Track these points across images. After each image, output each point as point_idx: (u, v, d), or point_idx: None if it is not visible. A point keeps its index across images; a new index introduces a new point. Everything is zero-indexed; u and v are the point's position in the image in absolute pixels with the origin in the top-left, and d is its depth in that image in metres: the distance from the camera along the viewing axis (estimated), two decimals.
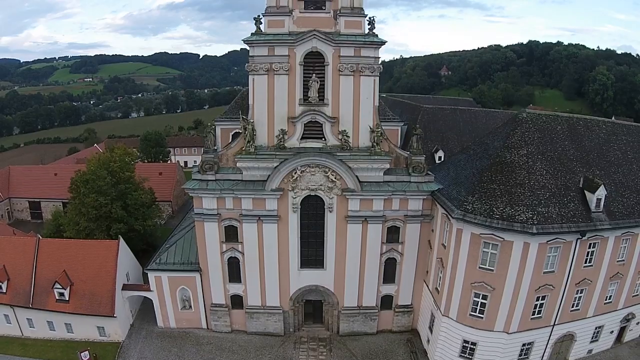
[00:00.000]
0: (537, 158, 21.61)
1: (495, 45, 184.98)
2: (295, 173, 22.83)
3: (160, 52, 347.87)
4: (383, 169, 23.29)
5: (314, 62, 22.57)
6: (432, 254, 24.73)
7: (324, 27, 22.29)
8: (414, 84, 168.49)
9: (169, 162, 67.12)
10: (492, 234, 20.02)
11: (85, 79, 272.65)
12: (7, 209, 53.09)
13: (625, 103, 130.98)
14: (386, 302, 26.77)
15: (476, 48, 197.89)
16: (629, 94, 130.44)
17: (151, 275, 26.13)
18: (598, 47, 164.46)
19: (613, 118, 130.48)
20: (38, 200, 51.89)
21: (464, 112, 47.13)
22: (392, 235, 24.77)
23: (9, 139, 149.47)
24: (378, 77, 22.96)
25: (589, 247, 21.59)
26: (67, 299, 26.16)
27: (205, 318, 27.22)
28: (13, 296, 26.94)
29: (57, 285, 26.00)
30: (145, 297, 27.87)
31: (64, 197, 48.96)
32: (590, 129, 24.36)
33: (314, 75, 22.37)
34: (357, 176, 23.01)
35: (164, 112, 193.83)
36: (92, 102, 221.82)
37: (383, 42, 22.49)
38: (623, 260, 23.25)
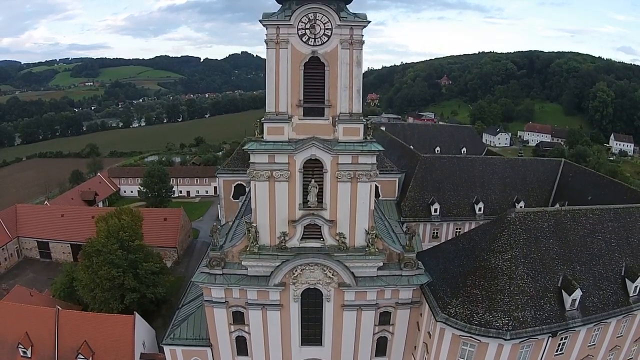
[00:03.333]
0: (520, 262, 23.36)
1: (495, 53, 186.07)
2: (295, 271, 24.85)
3: (161, 56, 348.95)
4: (377, 266, 25.28)
5: (312, 167, 23.93)
6: (420, 334, 27.01)
7: (323, 134, 23.42)
8: (414, 94, 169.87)
9: (172, 195, 69.30)
10: (471, 337, 22.33)
11: (86, 83, 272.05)
12: (16, 247, 54.71)
13: (625, 120, 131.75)
14: None
15: (477, 52, 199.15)
16: (628, 110, 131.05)
17: (167, 349, 28.42)
18: (600, 56, 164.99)
19: (612, 135, 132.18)
20: (46, 240, 53.55)
21: (461, 160, 49.09)
22: (384, 318, 27.01)
23: (10, 150, 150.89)
24: (375, 183, 24.66)
25: (560, 340, 23.82)
26: None
27: None
28: None
29: (80, 356, 28.43)
30: None
31: (72, 239, 51.30)
32: (576, 221, 25.40)
33: (312, 180, 23.83)
34: (352, 272, 25.02)
35: (164, 122, 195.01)
36: (92, 108, 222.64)
37: (379, 150, 24.01)
38: (594, 344, 25.51)
